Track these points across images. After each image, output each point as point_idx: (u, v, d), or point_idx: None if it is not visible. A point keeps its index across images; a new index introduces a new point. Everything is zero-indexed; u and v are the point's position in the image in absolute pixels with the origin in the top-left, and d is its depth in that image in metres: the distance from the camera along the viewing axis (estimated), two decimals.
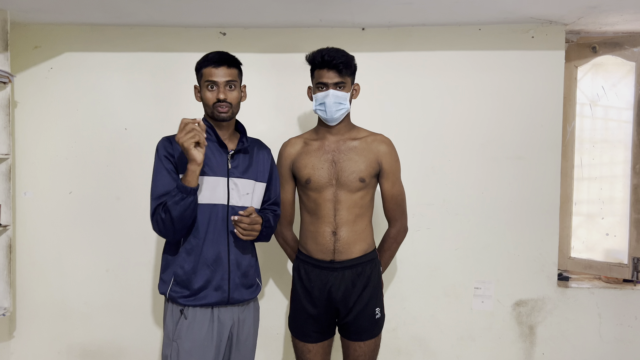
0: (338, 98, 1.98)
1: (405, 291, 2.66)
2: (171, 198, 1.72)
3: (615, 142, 2.70)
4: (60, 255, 2.67)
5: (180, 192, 1.71)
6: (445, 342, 2.66)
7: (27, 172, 2.65)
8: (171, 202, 1.72)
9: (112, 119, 2.64)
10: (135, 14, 2.44)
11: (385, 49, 2.61)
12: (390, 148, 2.09)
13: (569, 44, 2.69)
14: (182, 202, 1.71)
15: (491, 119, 2.60)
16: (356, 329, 2.03)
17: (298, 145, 2.12)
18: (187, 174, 1.71)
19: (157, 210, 1.78)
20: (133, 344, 2.70)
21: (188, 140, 1.68)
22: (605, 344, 2.63)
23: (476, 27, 2.58)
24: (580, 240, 2.78)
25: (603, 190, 2.73)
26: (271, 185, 2.00)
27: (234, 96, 1.87)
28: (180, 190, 1.71)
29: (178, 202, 1.71)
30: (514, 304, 2.64)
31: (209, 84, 1.84)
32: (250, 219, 1.78)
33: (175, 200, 1.71)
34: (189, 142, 1.68)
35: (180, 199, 1.71)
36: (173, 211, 1.71)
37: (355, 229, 2.02)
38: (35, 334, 2.69)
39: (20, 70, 2.61)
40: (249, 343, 1.96)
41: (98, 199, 2.66)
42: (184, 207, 1.72)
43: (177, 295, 1.84)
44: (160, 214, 1.76)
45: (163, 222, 1.75)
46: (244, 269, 1.90)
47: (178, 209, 1.71)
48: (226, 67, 1.84)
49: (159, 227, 1.79)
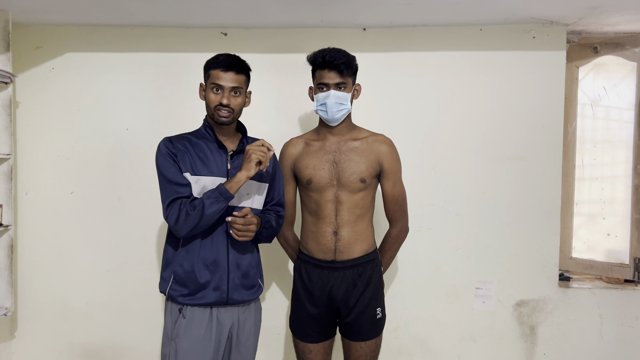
0: (339, 98, 1.98)
1: (406, 291, 2.66)
2: (208, 198, 1.74)
3: (616, 143, 2.70)
4: (61, 255, 2.67)
5: (220, 195, 1.74)
6: (446, 343, 2.66)
7: (28, 172, 2.66)
8: (208, 201, 1.74)
9: (113, 119, 2.65)
10: (136, 15, 2.44)
11: (386, 49, 2.61)
12: (391, 148, 2.09)
13: (570, 45, 2.69)
14: (218, 205, 1.74)
15: (492, 119, 2.60)
16: (357, 329, 2.03)
17: (299, 145, 2.12)
18: (233, 181, 1.76)
19: (180, 203, 1.77)
20: (134, 344, 2.70)
21: (258, 154, 1.77)
22: (606, 344, 2.63)
23: (477, 27, 2.58)
24: (582, 241, 2.78)
25: (604, 191, 2.73)
26: (274, 185, 2.00)
27: (238, 102, 1.87)
28: (221, 193, 1.74)
29: (213, 203, 1.74)
30: (515, 304, 2.64)
31: (214, 86, 1.84)
32: (245, 220, 1.78)
33: (211, 201, 1.74)
34: (257, 156, 1.77)
35: (215, 201, 1.74)
36: (207, 210, 1.73)
37: (356, 229, 2.03)
38: (36, 334, 2.69)
39: (22, 70, 2.61)
40: (250, 344, 1.96)
41: (99, 199, 2.66)
42: (218, 209, 1.75)
43: (176, 294, 1.84)
44: (188, 208, 1.75)
45: (187, 217, 1.75)
46: (244, 269, 1.90)
47: (212, 210, 1.74)
48: (234, 72, 1.83)
49: (180, 218, 1.76)
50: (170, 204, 1.79)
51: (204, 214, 1.74)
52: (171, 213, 1.78)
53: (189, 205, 1.76)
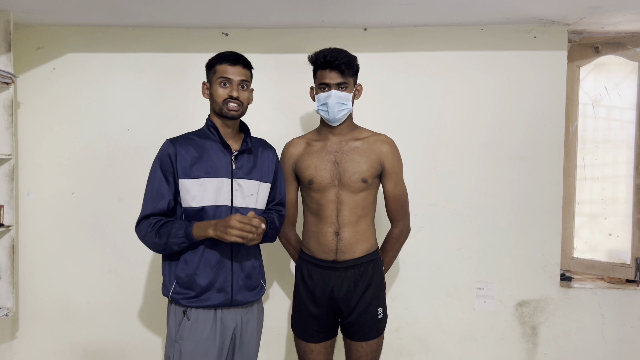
0: (340, 98, 1.98)
1: (407, 291, 2.66)
2: (174, 237, 1.77)
3: (617, 142, 2.70)
4: (62, 256, 2.68)
5: (185, 237, 1.77)
6: (447, 343, 2.66)
7: (29, 173, 2.66)
8: (173, 240, 1.78)
9: (114, 119, 2.65)
10: (137, 15, 2.44)
11: (387, 50, 2.61)
12: (392, 148, 2.09)
13: (571, 44, 2.69)
14: (181, 245, 1.79)
15: (493, 119, 2.60)
16: (358, 328, 2.03)
17: (300, 145, 2.12)
18: (202, 231, 1.76)
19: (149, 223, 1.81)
20: (135, 344, 2.70)
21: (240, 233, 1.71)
22: (607, 344, 2.63)
23: (478, 27, 2.58)
24: (583, 241, 2.77)
25: (606, 191, 2.72)
26: (276, 185, 2.00)
27: (246, 96, 1.88)
28: (187, 236, 1.77)
29: (178, 243, 1.78)
30: (517, 304, 2.63)
31: (222, 80, 1.84)
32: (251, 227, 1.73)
33: (176, 241, 1.78)
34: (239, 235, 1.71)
35: (181, 242, 1.78)
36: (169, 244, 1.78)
37: (357, 229, 2.02)
38: (37, 334, 2.69)
39: (23, 71, 2.61)
40: (252, 345, 1.96)
41: (100, 200, 2.66)
42: (179, 248, 1.80)
43: (179, 296, 1.84)
44: (153, 234, 1.79)
45: (152, 242, 1.81)
46: (247, 270, 1.89)
47: (173, 247, 1.79)
48: (242, 67, 1.86)
49: (145, 239, 1.84)
50: (143, 219, 1.84)
51: (165, 248, 1.80)
52: (139, 229, 1.85)
53: (155, 232, 1.79)
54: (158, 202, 1.82)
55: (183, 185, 1.82)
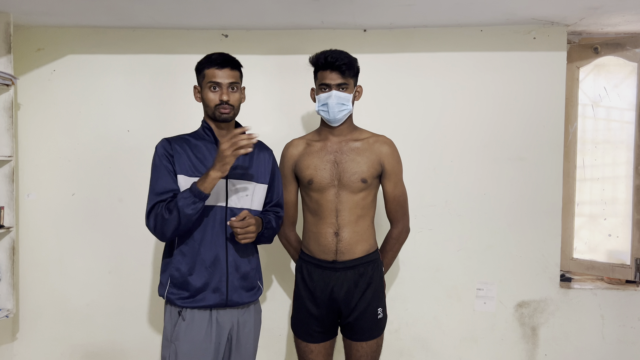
0: (341, 99, 1.98)
1: (407, 292, 2.66)
2: (183, 200, 1.72)
3: (617, 143, 2.70)
4: (62, 257, 2.68)
5: (193, 196, 1.71)
6: (447, 344, 2.66)
7: (30, 174, 2.66)
8: (182, 203, 1.71)
9: (114, 120, 2.65)
10: (137, 17, 2.44)
11: (387, 51, 2.61)
12: (392, 149, 2.09)
13: (570, 45, 2.69)
14: (194, 206, 1.72)
15: (493, 120, 2.60)
16: (358, 329, 2.03)
17: (300, 146, 2.13)
18: (207, 180, 1.71)
19: (158, 207, 1.77)
20: (135, 346, 2.70)
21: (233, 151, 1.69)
22: (607, 345, 2.62)
23: (478, 28, 2.58)
24: (583, 241, 2.77)
25: (605, 191, 2.72)
26: (273, 186, 2.00)
27: (236, 98, 1.88)
28: (195, 194, 1.71)
29: (189, 204, 1.71)
30: (517, 305, 2.63)
31: (212, 85, 1.84)
32: (242, 223, 1.76)
33: (187, 203, 1.71)
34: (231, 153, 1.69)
35: (192, 202, 1.71)
36: (182, 212, 1.71)
37: (357, 229, 2.03)
38: (37, 335, 2.69)
39: (23, 72, 2.62)
40: (250, 346, 1.96)
41: (101, 201, 2.66)
42: (195, 211, 1.73)
43: (174, 297, 1.84)
44: (163, 212, 1.75)
45: (164, 221, 1.75)
46: (243, 271, 1.89)
47: (188, 212, 1.72)
48: (229, 69, 1.84)
49: (157, 224, 1.77)
50: (151, 211, 1.80)
51: (181, 217, 1.73)
52: (151, 220, 1.80)
53: (164, 209, 1.75)
54: (164, 191, 1.80)
55: (180, 182, 1.83)
